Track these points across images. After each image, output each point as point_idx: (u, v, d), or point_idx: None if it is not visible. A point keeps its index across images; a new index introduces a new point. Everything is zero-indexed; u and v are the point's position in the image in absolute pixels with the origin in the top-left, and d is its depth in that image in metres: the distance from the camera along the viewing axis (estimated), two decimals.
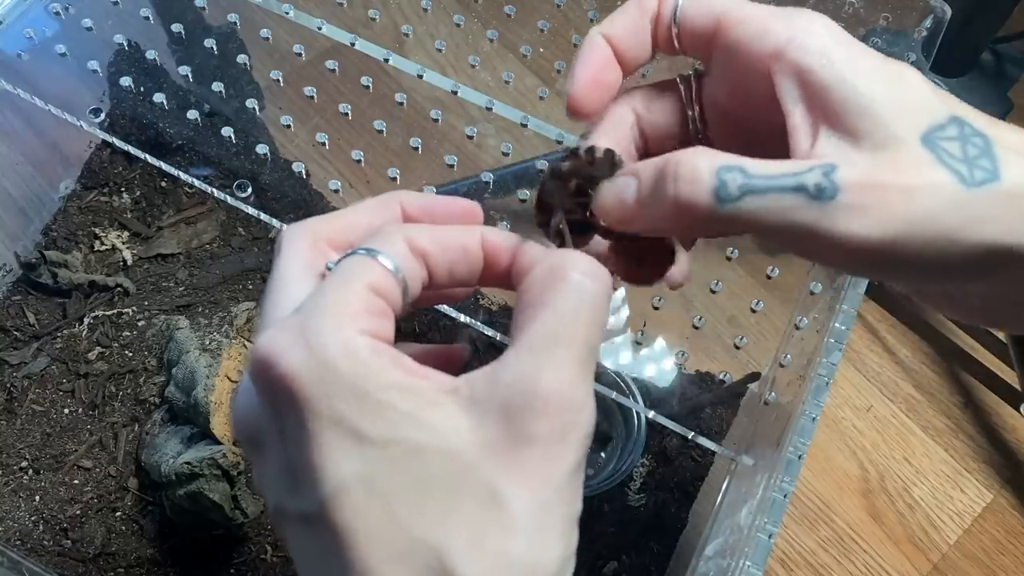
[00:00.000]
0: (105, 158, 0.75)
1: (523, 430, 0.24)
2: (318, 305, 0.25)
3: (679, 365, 0.68)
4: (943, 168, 0.27)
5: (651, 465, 0.66)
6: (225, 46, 0.63)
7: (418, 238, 0.28)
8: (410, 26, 0.67)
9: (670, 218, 0.28)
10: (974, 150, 0.27)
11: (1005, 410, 0.79)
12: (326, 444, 0.24)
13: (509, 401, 0.24)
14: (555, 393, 0.24)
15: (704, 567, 0.49)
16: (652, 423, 0.66)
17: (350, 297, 0.25)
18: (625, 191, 0.30)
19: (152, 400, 0.65)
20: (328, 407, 0.24)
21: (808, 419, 0.47)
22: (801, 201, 0.26)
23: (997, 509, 0.75)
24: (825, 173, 0.27)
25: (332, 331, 0.24)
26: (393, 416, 0.24)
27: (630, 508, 0.64)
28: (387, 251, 0.27)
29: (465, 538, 0.23)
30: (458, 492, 0.24)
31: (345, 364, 0.24)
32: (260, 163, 0.61)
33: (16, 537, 0.59)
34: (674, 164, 0.28)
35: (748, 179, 0.27)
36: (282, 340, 0.24)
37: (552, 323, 0.25)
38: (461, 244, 0.29)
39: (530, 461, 0.24)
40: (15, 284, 0.70)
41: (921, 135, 0.27)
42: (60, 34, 0.60)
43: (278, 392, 0.24)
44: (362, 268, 0.26)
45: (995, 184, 0.27)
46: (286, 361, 0.24)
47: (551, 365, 0.25)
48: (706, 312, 0.58)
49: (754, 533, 0.44)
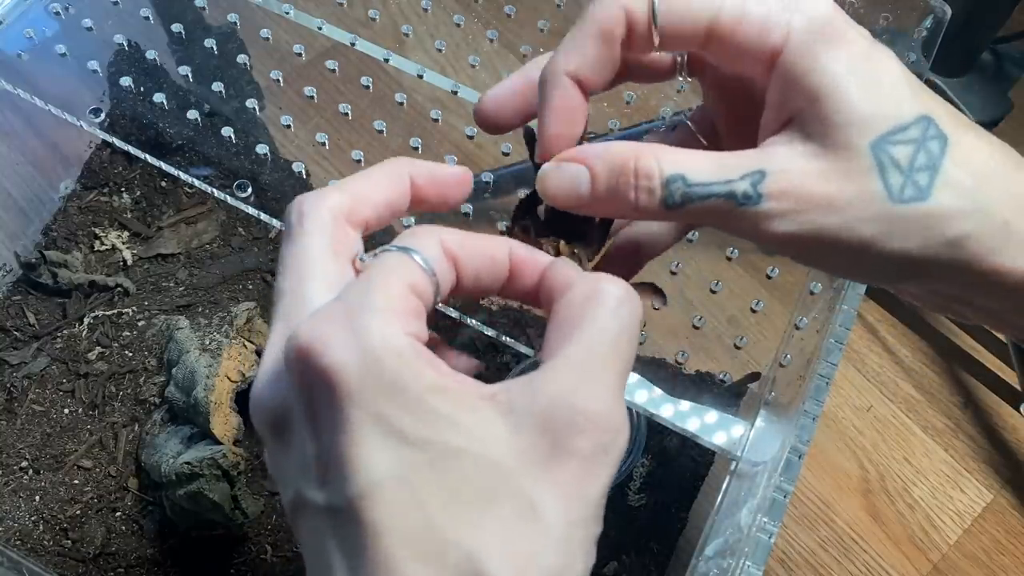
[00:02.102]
0: (105, 158, 0.75)
1: (564, 444, 0.24)
2: (365, 300, 0.25)
3: (679, 365, 0.68)
4: (877, 179, 0.28)
5: (651, 465, 0.66)
6: (225, 46, 0.63)
7: (450, 241, 0.28)
8: (410, 26, 0.67)
9: (622, 212, 0.31)
10: (923, 158, 0.28)
11: (1005, 410, 0.79)
12: (365, 439, 0.24)
13: (550, 414, 0.25)
14: (596, 412, 0.25)
15: (704, 567, 0.49)
16: (652, 423, 0.65)
17: (395, 296, 0.26)
18: (578, 181, 0.31)
19: (152, 400, 0.65)
20: (371, 403, 0.24)
21: (808, 419, 0.47)
22: (731, 205, 0.29)
23: (997, 509, 0.75)
24: (753, 183, 0.29)
25: (380, 329, 0.25)
26: (433, 418, 0.24)
27: (630, 508, 0.64)
28: (424, 252, 0.28)
29: (499, 543, 0.23)
30: (494, 498, 0.24)
31: (391, 363, 0.24)
32: (260, 163, 0.61)
33: (16, 537, 0.59)
34: (632, 172, 0.30)
35: (688, 187, 0.29)
36: (329, 331, 0.25)
37: (595, 343, 0.26)
38: (490, 253, 0.30)
39: (568, 475, 0.24)
40: (15, 284, 0.70)
41: (872, 141, 0.28)
42: (60, 34, 0.60)
43: (319, 382, 0.24)
44: (401, 266, 0.27)
45: (920, 204, 0.28)
46: (334, 353, 0.24)
47: (594, 384, 0.25)
48: (706, 312, 0.58)
49: (754, 533, 0.44)
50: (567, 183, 0.31)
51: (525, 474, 0.24)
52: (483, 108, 0.34)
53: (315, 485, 0.25)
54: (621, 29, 0.30)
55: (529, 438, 0.24)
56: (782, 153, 0.29)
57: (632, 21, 0.30)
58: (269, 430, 0.27)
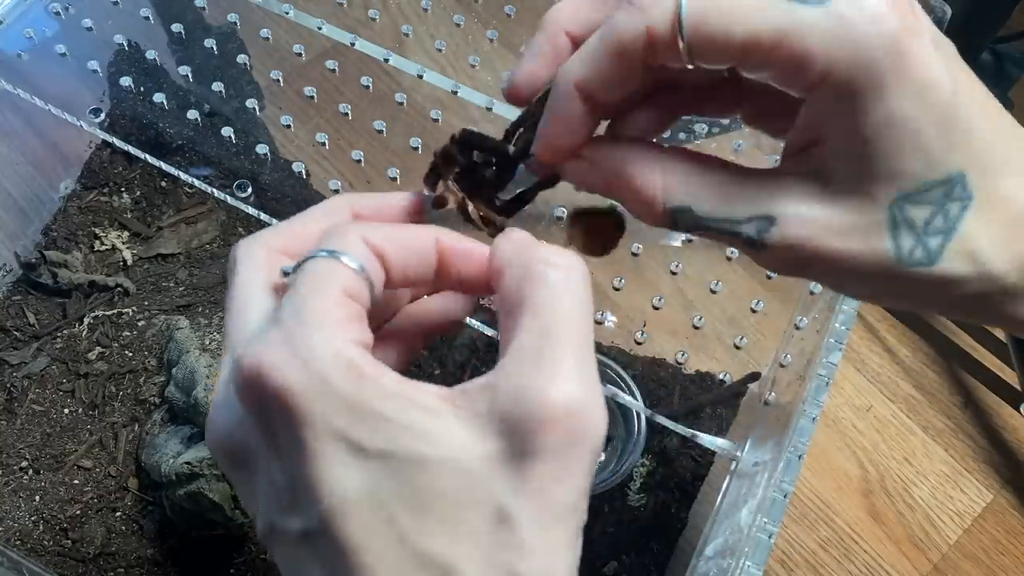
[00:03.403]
0: (105, 158, 0.75)
1: (529, 444, 0.23)
2: (301, 315, 0.24)
3: (679, 365, 0.68)
4: (888, 239, 0.27)
5: (651, 465, 0.66)
6: (225, 46, 0.63)
7: (373, 236, 0.27)
8: (410, 26, 0.67)
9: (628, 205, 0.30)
10: (940, 221, 0.27)
11: (1005, 410, 0.79)
12: (326, 458, 0.23)
13: (509, 414, 0.23)
14: (555, 403, 0.23)
15: (704, 567, 0.49)
16: (652, 423, 0.66)
17: (330, 305, 0.25)
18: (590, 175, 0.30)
19: (152, 400, 0.65)
20: (326, 421, 0.23)
21: (808, 419, 0.47)
22: (736, 242, 0.29)
23: (997, 509, 0.75)
24: (759, 230, 0.28)
25: (323, 342, 0.24)
26: (392, 428, 0.23)
27: (630, 508, 0.64)
28: (350, 252, 0.26)
29: (477, 557, 0.23)
30: (465, 507, 0.23)
31: (340, 376, 0.23)
32: (260, 163, 0.61)
33: (16, 537, 0.59)
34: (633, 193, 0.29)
35: (694, 219, 0.29)
36: (272, 354, 0.24)
37: (538, 327, 0.25)
38: (415, 243, 0.28)
39: (537, 477, 0.23)
40: (15, 284, 0.70)
41: (894, 199, 0.27)
42: (60, 34, 0.60)
43: (271, 408, 0.24)
44: (331, 272, 0.26)
45: (925, 269, 0.27)
46: (280, 376, 0.23)
47: (547, 372, 0.24)
48: (706, 312, 0.58)
49: (754, 533, 0.44)
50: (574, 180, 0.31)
51: (493, 481, 0.23)
52: (518, 88, 0.31)
53: (286, 512, 0.24)
54: (640, 49, 0.27)
55: (493, 442, 0.23)
56: (796, 194, 0.27)
57: (655, 39, 0.26)
58: (229, 462, 0.26)
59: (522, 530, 0.23)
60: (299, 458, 0.23)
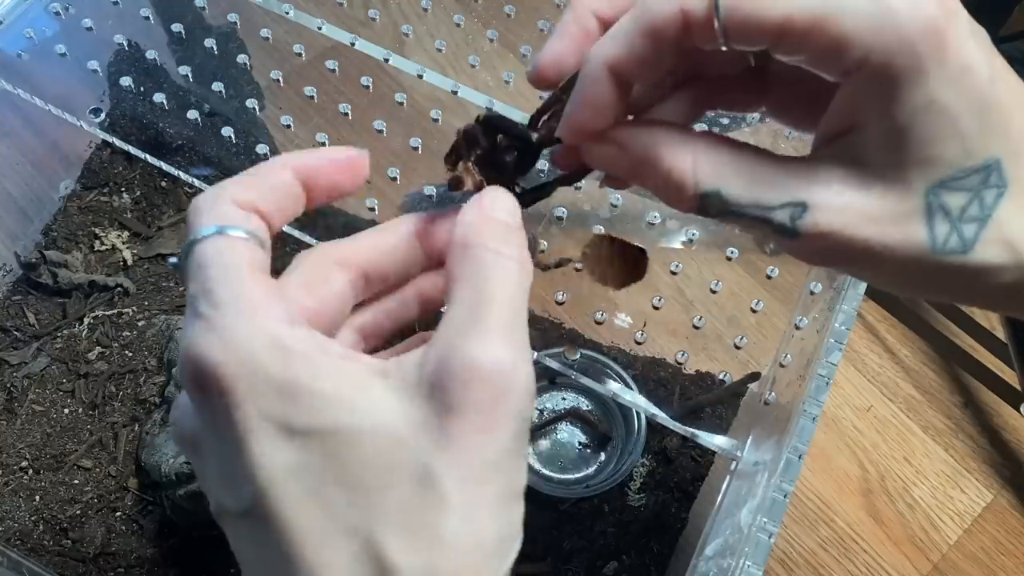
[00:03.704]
0: (105, 158, 0.75)
1: (450, 402, 0.24)
2: (221, 301, 0.24)
3: (679, 365, 0.68)
4: (924, 227, 0.27)
5: (651, 465, 0.66)
6: (225, 46, 0.63)
7: (239, 193, 0.27)
8: (410, 26, 0.67)
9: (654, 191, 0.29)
10: (975, 208, 0.26)
11: (1005, 410, 0.79)
12: (255, 439, 0.23)
13: (435, 377, 0.24)
14: (478, 361, 0.24)
15: (704, 567, 0.49)
16: (652, 423, 0.66)
17: (245, 285, 0.25)
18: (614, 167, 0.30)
19: (152, 400, 0.65)
20: (254, 402, 0.23)
21: (808, 419, 0.47)
22: (767, 229, 0.28)
23: (997, 509, 0.75)
24: (792, 216, 0.27)
25: (247, 325, 0.24)
26: (320, 404, 0.24)
27: (630, 508, 0.64)
28: (228, 221, 0.26)
29: (395, 521, 0.23)
30: (389, 474, 0.23)
31: (266, 356, 0.24)
32: (260, 163, 0.61)
33: (16, 537, 0.59)
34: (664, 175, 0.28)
35: (725, 204, 0.28)
36: (200, 341, 0.24)
37: (468, 299, 0.25)
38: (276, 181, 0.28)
39: (459, 434, 0.24)
40: (15, 284, 0.70)
41: (930, 185, 0.26)
42: (60, 34, 0.60)
43: (207, 393, 0.24)
44: (227, 249, 0.26)
45: (959, 256, 0.27)
46: (208, 361, 0.24)
47: (472, 335, 0.24)
48: (706, 312, 0.58)
49: (754, 533, 0.44)
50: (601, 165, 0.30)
51: (417, 443, 0.24)
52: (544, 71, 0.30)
53: (226, 492, 0.25)
54: (675, 30, 0.26)
55: (421, 406, 0.24)
56: (830, 180, 0.27)
57: (690, 21, 0.26)
58: (188, 448, 0.27)
59: (444, 487, 0.23)
60: (232, 440, 0.24)
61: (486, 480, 0.24)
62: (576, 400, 0.68)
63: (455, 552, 0.23)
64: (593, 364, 0.67)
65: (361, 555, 0.23)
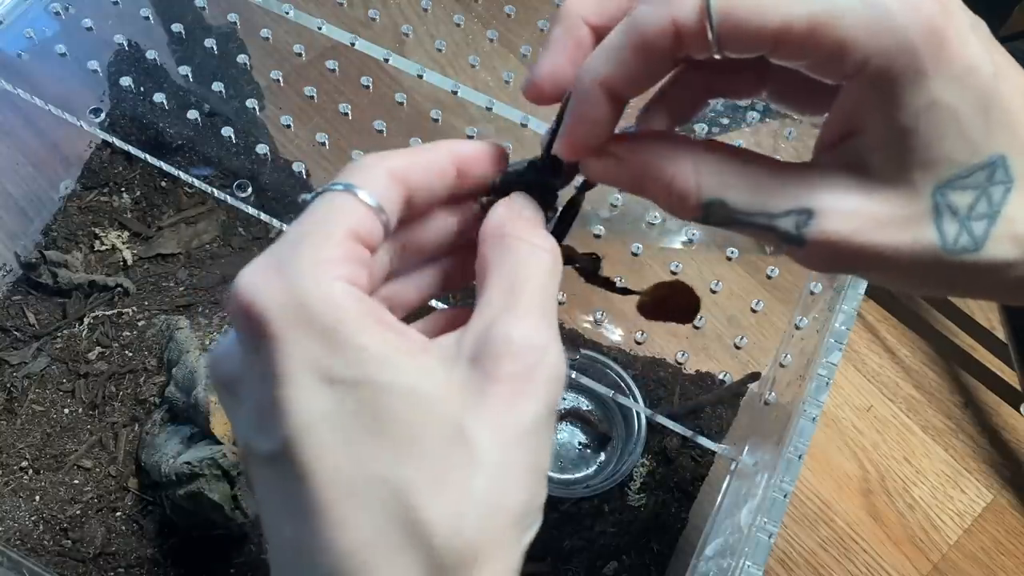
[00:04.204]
0: (105, 158, 0.75)
1: (489, 372, 0.25)
2: (297, 247, 0.25)
3: (679, 365, 0.68)
4: (932, 227, 0.26)
5: (651, 465, 0.66)
6: (225, 46, 0.63)
7: (398, 166, 0.28)
8: (410, 26, 0.67)
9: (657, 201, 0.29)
10: (983, 206, 0.26)
11: (1005, 410, 0.79)
12: (295, 382, 0.24)
13: (477, 349, 0.25)
14: (516, 336, 0.25)
15: (704, 567, 0.49)
16: (652, 423, 0.66)
17: (329, 243, 0.25)
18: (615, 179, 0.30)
19: (152, 400, 0.65)
20: (300, 346, 0.24)
21: (808, 419, 0.47)
22: (771, 236, 0.28)
23: (997, 509, 0.75)
24: (797, 224, 0.27)
25: (309, 273, 0.24)
26: (365, 357, 0.24)
27: (630, 508, 0.64)
28: (369, 187, 0.27)
29: (426, 472, 0.23)
30: (423, 430, 0.24)
31: (320, 305, 0.24)
32: (260, 163, 0.61)
33: (16, 537, 0.59)
34: (666, 186, 0.28)
35: (728, 213, 0.28)
36: (259, 278, 0.24)
37: (504, 286, 0.27)
38: (435, 162, 0.29)
39: (496, 400, 0.24)
40: (15, 284, 0.70)
41: (936, 185, 0.26)
42: (60, 34, 0.60)
43: (254, 329, 0.24)
44: (343, 209, 0.26)
45: (971, 255, 0.27)
46: (263, 299, 0.24)
47: (510, 313, 0.26)
48: (706, 312, 0.58)
49: (754, 533, 0.44)
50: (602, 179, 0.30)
51: (454, 404, 0.24)
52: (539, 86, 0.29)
53: (257, 433, 0.25)
54: (667, 42, 0.26)
55: (461, 373, 0.25)
56: (834, 186, 0.27)
57: (682, 33, 0.25)
58: (222, 387, 0.27)
59: (477, 444, 0.24)
60: (271, 381, 0.24)
61: (516, 445, 0.25)
62: (576, 400, 0.68)
63: (482, 509, 0.24)
64: (593, 364, 0.67)
65: (388, 504, 0.23)
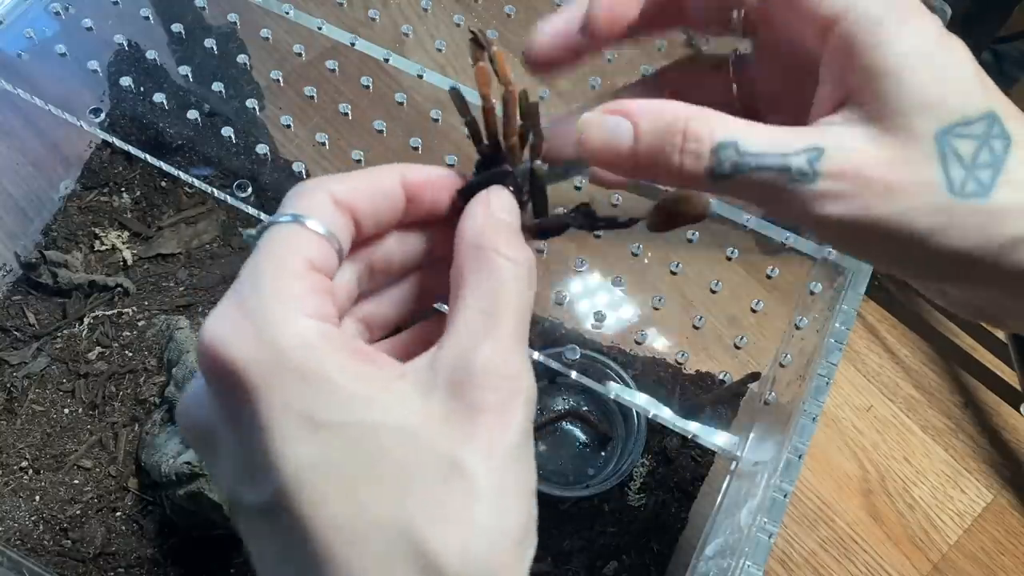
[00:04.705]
0: (105, 158, 0.75)
1: (471, 402, 0.25)
2: (258, 288, 0.25)
3: (679, 365, 0.68)
4: (939, 170, 0.27)
5: (651, 465, 0.66)
6: (225, 46, 0.63)
7: (342, 191, 0.28)
8: (410, 26, 0.67)
9: (663, 176, 0.29)
10: (986, 155, 0.27)
11: (1005, 410, 0.79)
12: (279, 432, 0.23)
13: (453, 377, 0.25)
14: (494, 365, 0.25)
15: (704, 567, 0.49)
16: (652, 423, 0.66)
17: (290, 277, 0.25)
18: (620, 135, 0.29)
19: (152, 400, 0.65)
20: (280, 395, 0.23)
21: (808, 419, 0.47)
22: (784, 180, 0.27)
23: (997, 509, 0.75)
24: (810, 160, 0.27)
25: (278, 316, 0.24)
26: (347, 399, 0.24)
27: (630, 508, 0.64)
28: (317, 215, 0.27)
29: (429, 510, 0.23)
30: (417, 467, 0.24)
31: (294, 350, 0.24)
32: (260, 163, 0.61)
33: (16, 537, 0.59)
34: (681, 133, 0.28)
35: (740, 157, 0.27)
36: (227, 328, 0.24)
37: (481, 303, 0.26)
38: (383, 186, 0.29)
39: (483, 428, 0.25)
40: (15, 284, 0.70)
41: (938, 131, 0.27)
42: (60, 34, 0.60)
43: (228, 382, 0.24)
44: (295, 240, 0.26)
45: (980, 200, 0.27)
46: (235, 351, 0.24)
47: (486, 339, 0.26)
48: (706, 312, 0.58)
49: (754, 533, 0.44)
50: (607, 135, 0.29)
51: (442, 437, 0.24)
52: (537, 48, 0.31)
53: (245, 485, 0.25)
54: None
55: (440, 405, 0.25)
56: (840, 132, 0.27)
57: None
58: (198, 439, 0.27)
59: (473, 475, 0.24)
60: (253, 432, 0.24)
61: (507, 470, 0.25)
62: (576, 400, 0.68)
63: (487, 535, 0.24)
64: (593, 364, 0.67)
65: (396, 543, 0.23)
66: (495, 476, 0.24)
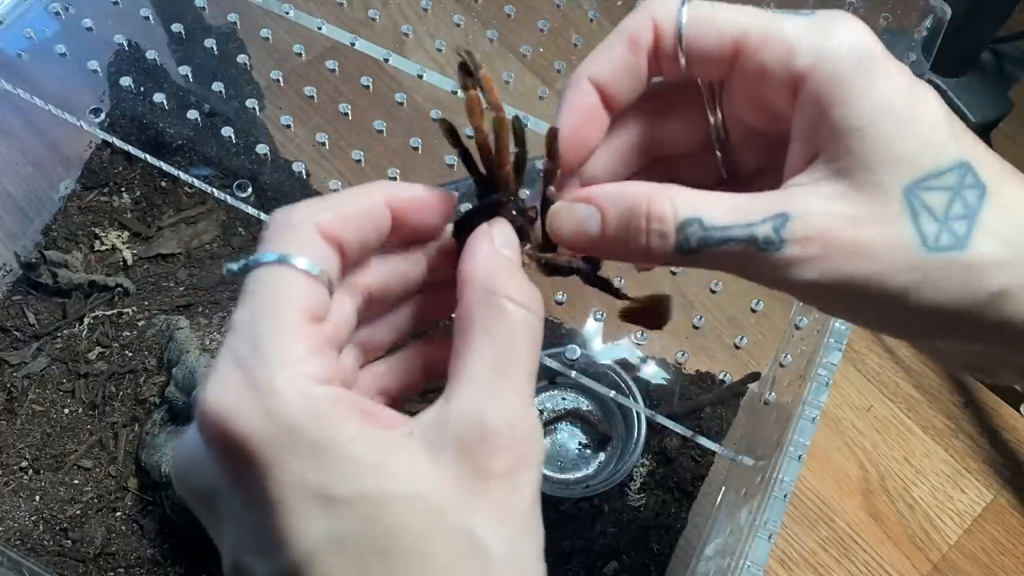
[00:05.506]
0: (105, 158, 0.75)
1: (482, 466, 0.24)
2: (260, 352, 0.24)
3: (679, 365, 0.68)
4: (911, 226, 0.26)
5: (651, 465, 0.66)
6: (225, 46, 0.63)
7: (327, 221, 0.27)
8: (410, 26, 0.67)
9: (635, 256, 0.29)
10: (959, 207, 0.26)
11: (1005, 410, 0.79)
12: (292, 509, 0.23)
13: (463, 439, 0.24)
14: (506, 427, 0.24)
15: (704, 567, 0.49)
16: (652, 423, 0.66)
17: (290, 337, 0.24)
18: (588, 222, 0.29)
19: (152, 400, 0.65)
20: (292, 471, 0.23)
21: (808, 419, 0.47)
22: (752, 251, 0.27)
23: (997, 509, 0.75)
24: (775, 227, 0.27)
25: (286, 385, 0.23)
26: (357, 470, 0.23)
27: (630, 508, 0.64)
28: (305, 253, 0.26)
29: None
30: (431, 539, 0.23)
31: (304, 422, 0.23)
32: (260, 163, 0.61)
33: (16, 537, 0.59)
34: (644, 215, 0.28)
35: (705, 232, 0.28)
36: (231, 398, 0.23)
37: (491, 356, 0.25)
38: (369, 210, 0.28)
39: (494, 495, 0.24)
40: (15, 284, 0.70)
41: (907, 185, 0.26)
42: (60, 34, 0.60)
43: (236, 455, 0.23)
44: (288, 289, 0.25)
45: (956, 253, 0.26)
46: (242, 425, 0.23)
47: (497, 399, 0.25)
48: (706, 312, 0.58)
49: (754, 533, 0.44)
50: (576, 224, 0.30)
51: (456, 505, 0.24)
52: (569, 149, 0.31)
53: (253, 556, 0.24)
54: (648, 36, 0.29)
55: (451, 469, 0.24)
56: (807, 194, 0.27)
57: (659, 32, 0.29)
58: (198, 502, 0.26)
59: (487, 544, 0.23)
60: (265, 506, 0.23)
61: (522, 534, 0.25)
62: (576, 400, 0.68)
63: None
64: (593, 364, 0.67)
65: None
66: (508, 545, 0.24)
